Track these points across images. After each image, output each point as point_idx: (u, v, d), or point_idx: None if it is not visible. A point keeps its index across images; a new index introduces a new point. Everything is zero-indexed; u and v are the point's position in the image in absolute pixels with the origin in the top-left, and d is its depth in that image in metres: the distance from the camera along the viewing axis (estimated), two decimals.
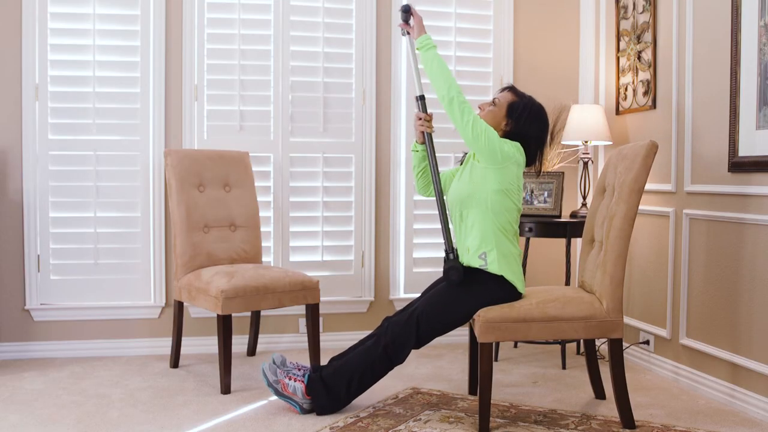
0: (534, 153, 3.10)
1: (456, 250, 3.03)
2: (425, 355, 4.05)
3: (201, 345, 4.10)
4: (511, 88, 3.15)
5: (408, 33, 3.17)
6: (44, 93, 3.90)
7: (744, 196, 3.15)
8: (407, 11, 3.12)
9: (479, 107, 3.14)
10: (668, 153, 3.66)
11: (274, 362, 3.11)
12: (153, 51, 4.01)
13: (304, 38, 4.18)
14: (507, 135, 3.06)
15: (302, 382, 3.04)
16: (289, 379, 3.06)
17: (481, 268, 2.97)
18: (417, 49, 3.09)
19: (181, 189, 3.72)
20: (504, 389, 3.45)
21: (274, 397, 3.23)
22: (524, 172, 4.17)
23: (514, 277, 2.99)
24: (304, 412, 3.05)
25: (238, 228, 3.86)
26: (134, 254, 4.04)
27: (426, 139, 3.16)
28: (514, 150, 3.00)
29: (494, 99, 3.12)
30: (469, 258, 3.01)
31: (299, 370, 3.10)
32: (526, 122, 3.05)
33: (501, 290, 2.97)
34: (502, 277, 2.97)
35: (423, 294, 3.12)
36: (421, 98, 3.16)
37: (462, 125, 2.94)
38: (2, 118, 3.88)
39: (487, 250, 2.97)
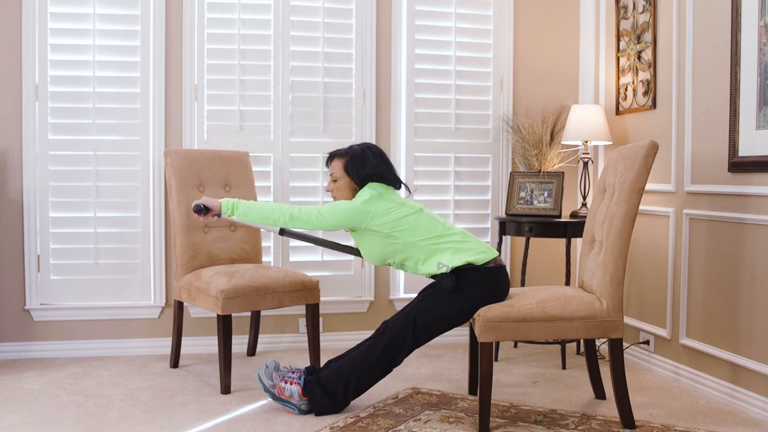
0: (391, 178, 3.18)
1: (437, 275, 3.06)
2: (425, 355, 4.05)
3: (201, 345, 4.10)
4: (334, 155, 3.22)
5: (217, 215, 3.17)
6: (44, 93, 3.90)
7: (744, 196, 3.15)
8: (200, 209, 3.14)
9: (327, 191, 3.25)
10: (668, 153, 3.66)
11: (267, 367, 3.12)
12: (153, 51, 4.01)
13: (304, 38, 4.18)
14: (361, 188, 3.15)
15: (298, 384, 3.04)
16: (285, 382, 3.06)
17: (449, 271, 2.98)
18: (229, 216, 3.12)
19: (181, 189, 3.72)
20: (504, 389, 3.45)
21: None
22: (524, 172, 4.19)
23: (476, 256, 3.00)
24: (302, 413, 3.05)
25: (238, 228, 3.86)
26: (134, 254, 4.04)
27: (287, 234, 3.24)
28: (368, 193, 3.08)
29: (331, 174, 3.21)
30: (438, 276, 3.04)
31: (294, 372, 3.10)
32: (362, 169, 3.13)
33: (478, 274, 2.99)
34: (469, 264, 2.99)
35: (419, 294, 3.12)
36: (282, 231, 3.20)
37: (316, 224, 3.06)
38: (2, 118, 3.88)
39: (439, 260, 2.99)
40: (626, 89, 4.08)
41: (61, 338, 3.97)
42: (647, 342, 3.83)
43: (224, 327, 3.33)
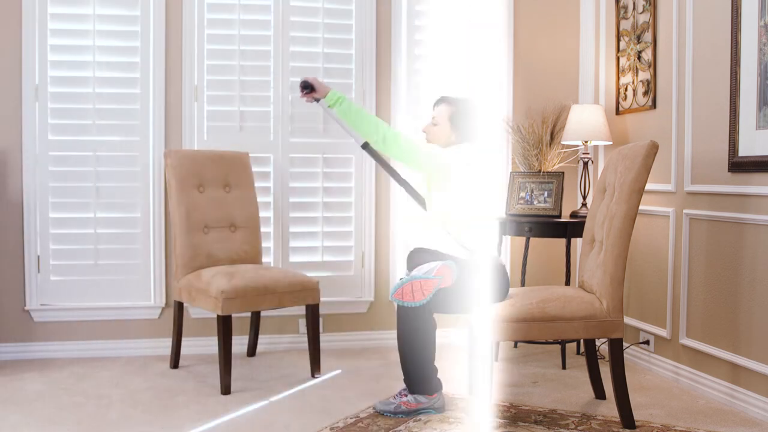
0: (481, 140, 3.23)
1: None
2: None
3: (201, 345, 4.09)
4: (443, 99, 3.22)
5: (317, 100, 3.17)
6: (44, 94, 3.90)
7: (744, 196, 3.15)
8: (307, 85, 3.14)
9: (423, 131, 3.25)
10: (668, 153, 3.66)
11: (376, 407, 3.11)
12: (153, 51, 4.01)
13: (304, 39, 4.18)
14: (456, 143, 3.18)
15: (406, 395, 3.06)
16: (402, 396, 3.06)
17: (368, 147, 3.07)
18: (330, 106, 3.13)
19: (181, 189, 3.72)
20: (504, 389, 3.45)
21: (275, 398, 3.26)
22: (524, 172, 4.18)
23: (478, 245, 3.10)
24: (438, 410, 3.06)
25: (238, 228, 3.86)
26: (134, 255, 4.04)
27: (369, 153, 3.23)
28: (461, 157, 3.11)
29: (433, 118, 3.21)
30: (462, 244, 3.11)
31: (400, 394, 3.08)
32: (465, 127, 3.16)
33: (477, 274, 3.02)
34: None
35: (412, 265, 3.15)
36: (366, 146, 3.17)
37: (407, 155, 3.06)
38: (2, 118, 3.88)
39: (470, 235, 3.09)
40: (626, 89, 4.08)
41: (61, 339, 3.97)
42: (647, 342, 3.83)
43: (224, 327, 3.33)
